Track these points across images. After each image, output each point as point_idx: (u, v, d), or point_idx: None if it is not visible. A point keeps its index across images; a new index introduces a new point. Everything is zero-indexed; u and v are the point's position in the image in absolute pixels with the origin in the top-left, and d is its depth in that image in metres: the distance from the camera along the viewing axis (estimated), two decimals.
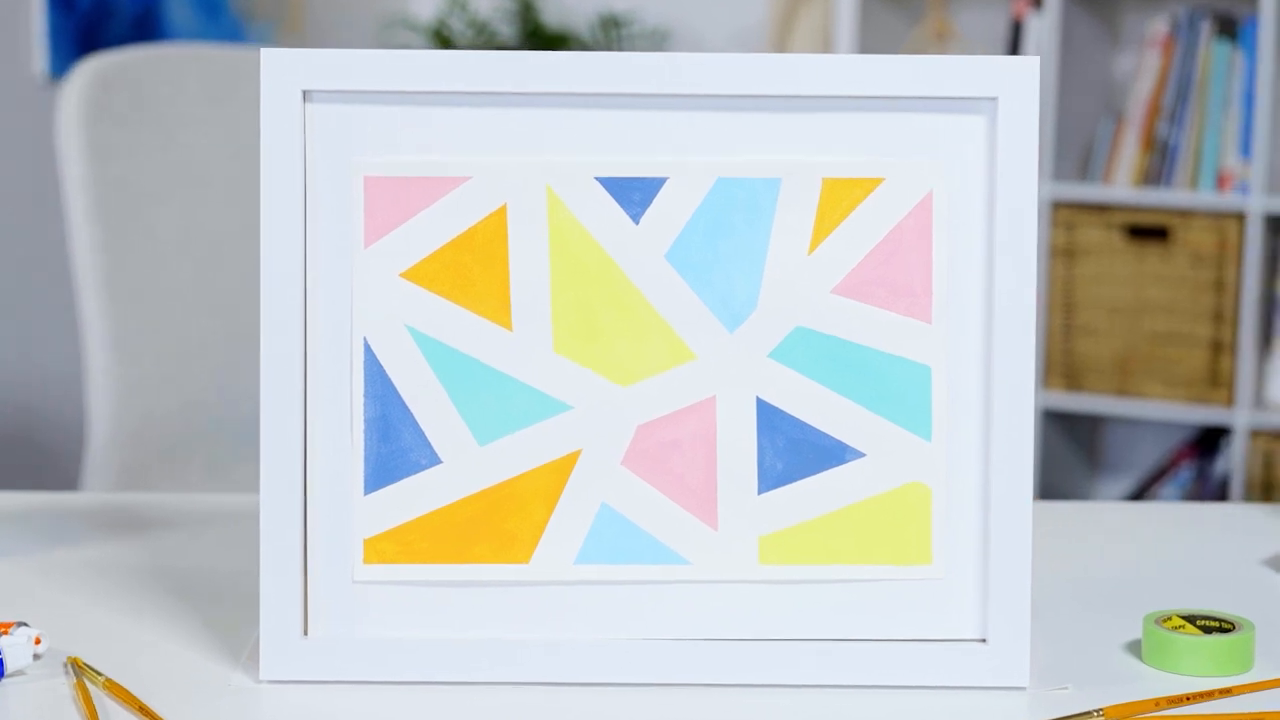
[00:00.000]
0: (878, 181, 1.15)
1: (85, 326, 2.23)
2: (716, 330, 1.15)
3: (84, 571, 1.36)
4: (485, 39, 4.24)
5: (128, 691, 1.10)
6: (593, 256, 1.15)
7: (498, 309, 1.15)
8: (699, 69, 1.14)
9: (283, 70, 1.13)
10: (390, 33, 4.37)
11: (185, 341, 2.32)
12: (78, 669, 1.13)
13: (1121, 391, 3.70)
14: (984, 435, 1.15)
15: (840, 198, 1.15)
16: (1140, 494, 3.87)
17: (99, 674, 1.13)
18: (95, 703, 1.10)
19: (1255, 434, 3.59)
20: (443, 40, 4.24)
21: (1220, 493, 3.70)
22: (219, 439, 2.36)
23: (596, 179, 1.15)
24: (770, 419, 1.15)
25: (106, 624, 1.24)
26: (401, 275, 1.15)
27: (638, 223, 1.15)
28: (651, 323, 1.15)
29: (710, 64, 1.14)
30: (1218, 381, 3.62)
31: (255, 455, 2.34)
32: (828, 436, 1.16)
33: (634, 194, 1.15)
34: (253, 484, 2.32)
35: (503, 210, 1.15)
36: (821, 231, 1.15)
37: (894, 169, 1.15)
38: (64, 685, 1.13)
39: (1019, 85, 1.14)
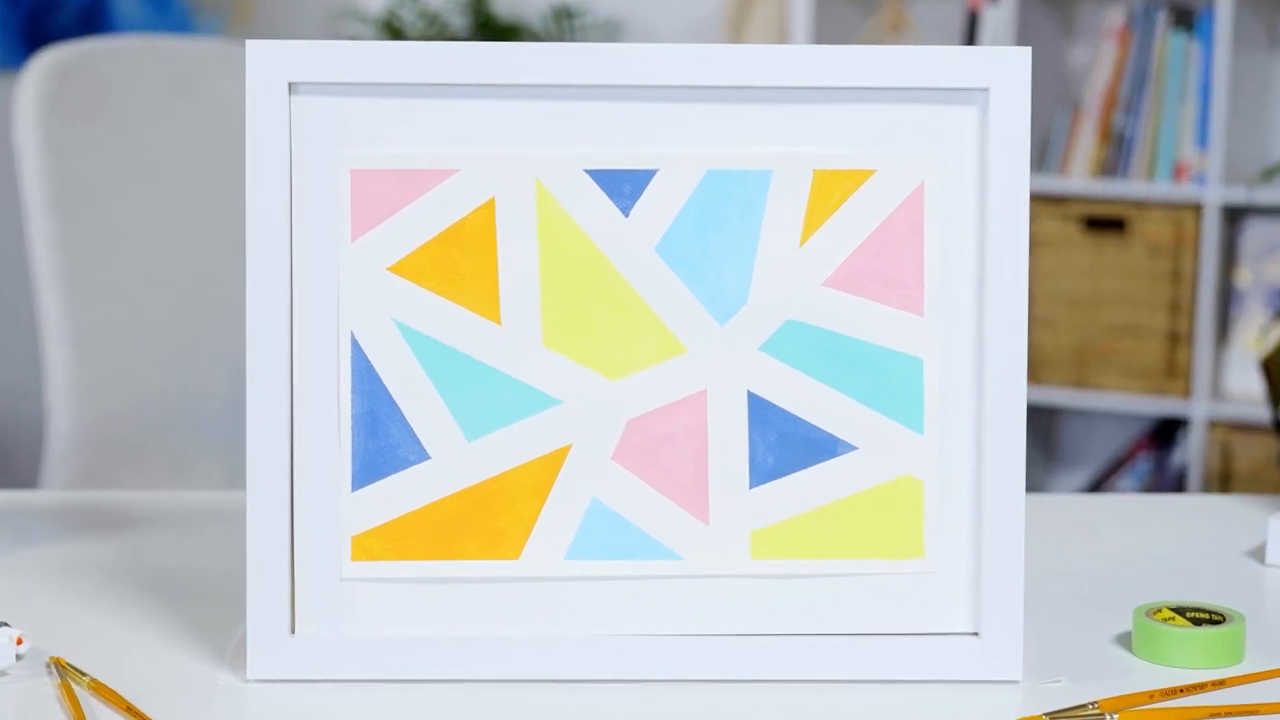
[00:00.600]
0: (869, 173, 1.14)
1: (43, 322, 2.21)
2: (707, 323, 1.14)
3: (59, 571, 1.34)
4: (436, 30, 4.21)
5: (114, 691, 1.09)
6: (582, 250, 1.14)
7: (486, 303, 1.14)
8: (689, 60, 1.13)
9: (268, 62, 1.12)
10: (340, 24, 4.34)
11: (145, 337, 2.30)
12: (61, 669, 1.12)
13: (1078, 383, 3.71)
14: (976, 428, 1.15)
15: (831, 189, 1.14)
16: (1097, 486, 3.88)
17: (83, 674, 1.11)
18: (81, 703, 1.08)
19: (1213, 425, 3.61)
20: (393, 32, 4.22)
21: (1178, 484, 3.71)
22: (179, 436, 2.33)
23: (586, 171, 1.14)
24: (761, 413, 1.14)
25: (87, 624, 1.23)
26: (389, 269, 1.13)
27: (627, 215, 1.14)
28: (642, 316, 1.14)
29: (700, 55, 1.13)
30: (1175, 373, 3.63)
31: (216, 452, 2.34)
32: (819, 430, 1.15)
33: (624, 186, 1.14)
34: (214, 481, 2.31)
35: (491, 203, 1.13)
36: (812, 224, 1.14)
37: (885, 160, 1.14)
38: (48, 686, 1.11)
39: (1010, 76, 1.13)
